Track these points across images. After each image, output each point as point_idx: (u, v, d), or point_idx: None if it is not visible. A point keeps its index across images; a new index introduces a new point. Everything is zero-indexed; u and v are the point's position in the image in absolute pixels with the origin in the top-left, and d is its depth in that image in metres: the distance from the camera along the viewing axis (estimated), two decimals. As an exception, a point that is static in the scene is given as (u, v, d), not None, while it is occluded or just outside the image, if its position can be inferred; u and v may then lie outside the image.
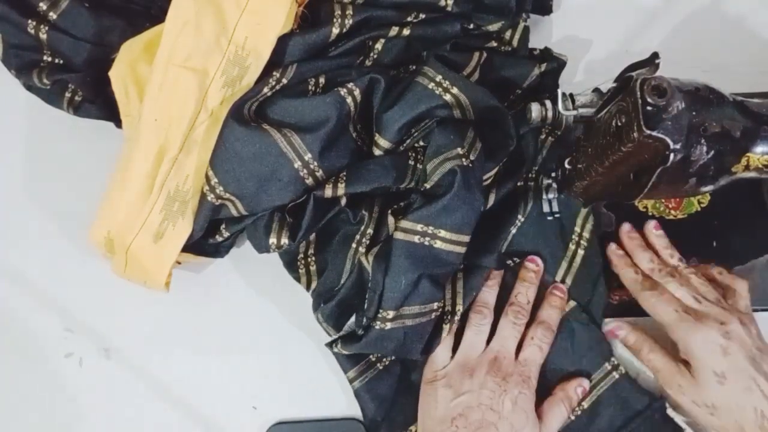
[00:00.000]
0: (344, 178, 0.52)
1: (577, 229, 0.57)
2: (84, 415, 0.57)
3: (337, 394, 0.57)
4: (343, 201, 0.54)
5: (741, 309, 0.52)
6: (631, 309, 0.56)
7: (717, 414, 0.49)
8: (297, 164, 0.51)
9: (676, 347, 0.51)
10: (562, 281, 0.56)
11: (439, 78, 0.53)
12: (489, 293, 0.55)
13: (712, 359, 0.49)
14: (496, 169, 0.53)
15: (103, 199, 0.53)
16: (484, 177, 0.53)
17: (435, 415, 0.51)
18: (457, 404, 0.50)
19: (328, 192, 0.52)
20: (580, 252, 0.57)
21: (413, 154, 0.54)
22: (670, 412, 0.53)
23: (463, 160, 0.50)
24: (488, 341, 0.53)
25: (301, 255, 0.57)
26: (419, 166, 0.53)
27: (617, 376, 0.55)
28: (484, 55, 0.57)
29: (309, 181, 0.52)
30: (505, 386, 0.50)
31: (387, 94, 0.53)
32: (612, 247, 0.57)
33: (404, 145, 0.54)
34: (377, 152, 0.54)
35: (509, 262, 0.56)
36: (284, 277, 0.56)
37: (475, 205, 0.50)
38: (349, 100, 0.52)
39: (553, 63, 0.58)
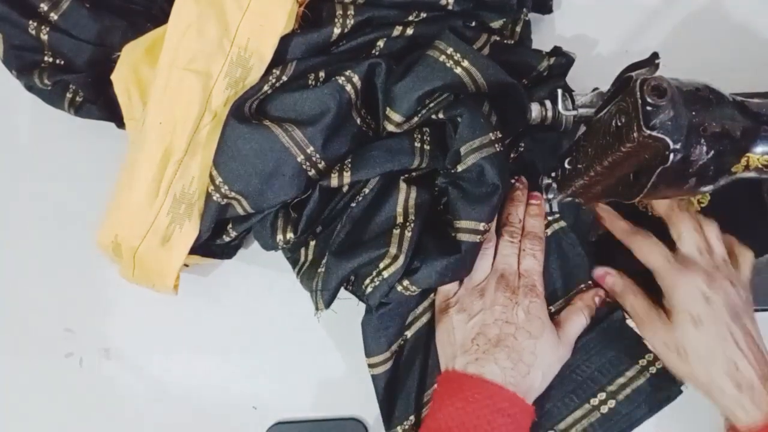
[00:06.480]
0: (349, 165, 0.52)
1: None
2: (84, 415, 0.57)
3: (337, 394, 0.57)
4: (346, 188, 0.54)
5: (742, 277, 0.52)
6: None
7: (687, 359, 0.48)
8: (300, 158, 0.51)
9: (661, 297, 0.51)
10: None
11: (450, 51, 0.52)
12: None
13: (692, 303, 0.48)
14: (507, 141, 0.54)
15: (110, 203, 0.53)
16: None
17: (454, 341, 0.51)
18: (474, 324, 0.51)
19: (334, 182, 0.52)
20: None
21: (419, 135, 0.53)
22: (628, 321, 0.54)
23: (497, 146, 0.51)
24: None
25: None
26: (426, 147, 0.53)
27: None
28: (494, 37, 0.57)
29: (312, 173, 0.52)
30: (515, 299, 0.51)
31: (393, 71, 0.53)
32: (601, 205, 0.57)
33: (418, 117, 0.53)
34: (390, 127, 0.53)
35: None
36: (285, 278, 0.56)
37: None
38: (348, 87, 0.51)
39: (562, 58, 0.58)
